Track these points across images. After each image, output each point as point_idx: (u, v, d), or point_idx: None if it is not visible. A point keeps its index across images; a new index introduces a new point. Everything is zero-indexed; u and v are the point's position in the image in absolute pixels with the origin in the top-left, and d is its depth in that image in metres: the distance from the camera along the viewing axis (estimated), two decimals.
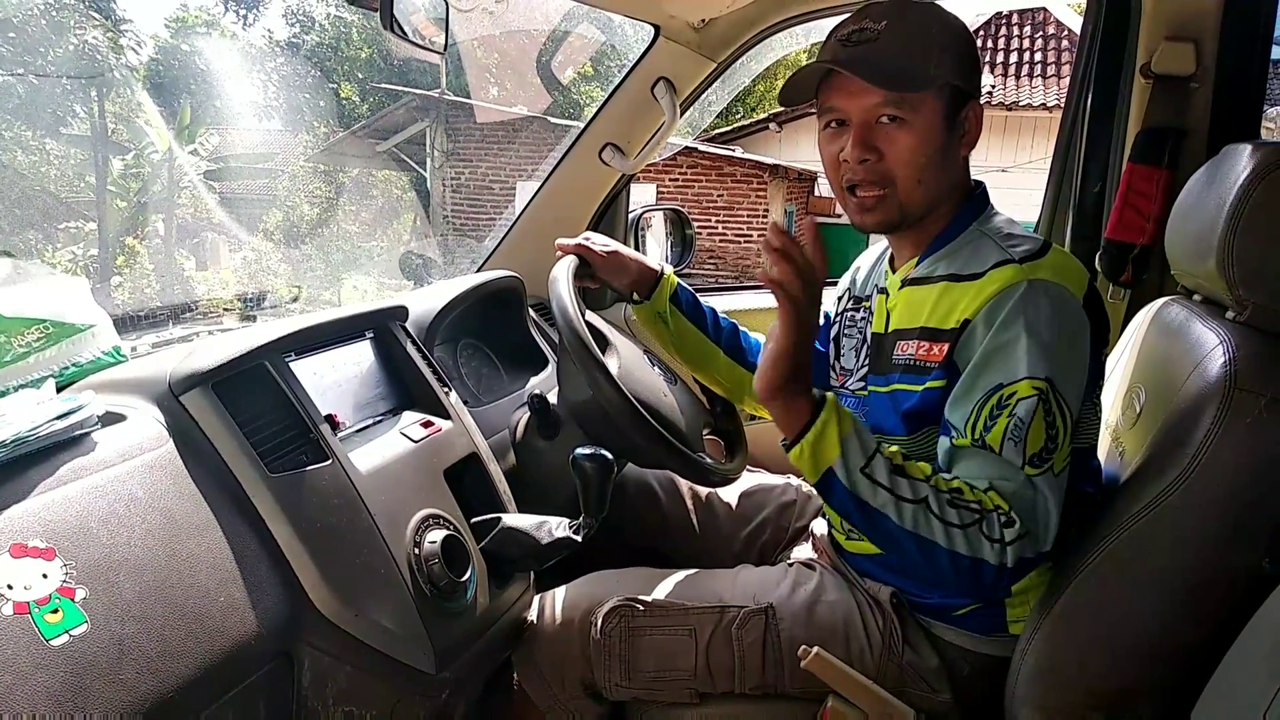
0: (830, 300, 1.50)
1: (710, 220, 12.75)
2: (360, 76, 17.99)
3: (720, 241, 12.84)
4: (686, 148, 12.22)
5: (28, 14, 12.08)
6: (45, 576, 0.83)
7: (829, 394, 1.10)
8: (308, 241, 14.44)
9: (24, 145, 12.53)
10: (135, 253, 12.59)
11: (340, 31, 18.64)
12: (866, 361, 1.32)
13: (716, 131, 14.48)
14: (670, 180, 12.55)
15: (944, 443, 1.13)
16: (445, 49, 1.45)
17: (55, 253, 11.87)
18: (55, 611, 0.82)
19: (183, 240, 13.63)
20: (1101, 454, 1.29)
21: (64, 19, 12.31)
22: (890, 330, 1.26)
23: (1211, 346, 1.09)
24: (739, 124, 14.90)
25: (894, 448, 1.09)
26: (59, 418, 0.94)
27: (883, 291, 1.31)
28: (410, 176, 15.00)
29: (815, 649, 1.19)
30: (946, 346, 1.15)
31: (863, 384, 1.32)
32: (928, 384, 1.17)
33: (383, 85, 16.45)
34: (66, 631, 0.82)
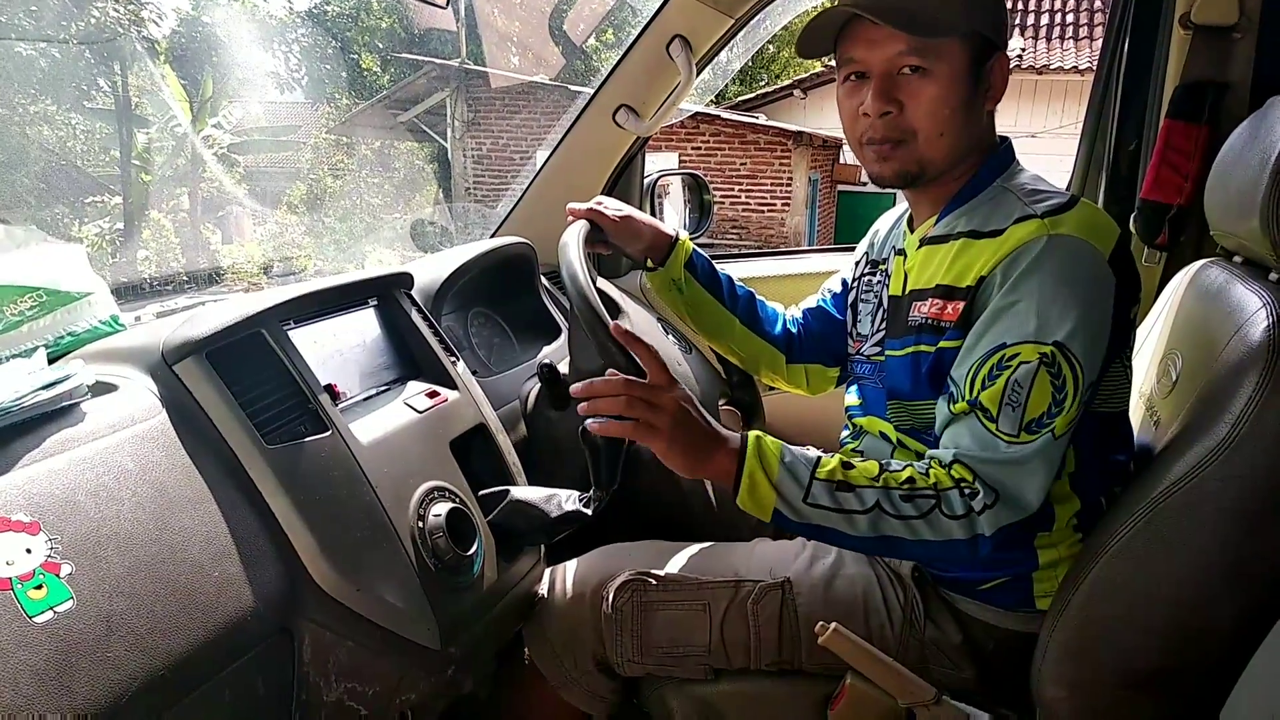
0: (848, 266, 1.45)
1: (734, 189, 12.64)
2: (380, 47, 17.90)
3: (743, 210, 12.73)
4: (709, 115, 12.09)
5: None
6: (29, 551, 0.80)
7: (750, 436, 1.09)
8: (331, 214, 14.46)
9: (49, 119, 12.58)
10: (161, 227, 12.67)
11: (360, 1, 18.54)
12: (883, 326, 1.27)
13: (740, 99, 14.33)
14: (693, 149, 12.44)
15: (942, 408, 1.11)
16: (448, 2, 1.39)
17: (82, 227, 11.96)
18: (39, 587, 0.79)
19: (208, 214, 13.69)
20: (1135, 423, 1.24)
21: None
22: (907, 291, 1.21)
23: (1254, 310, 1.04)
24: (763, 91, 14.74)
25: (833, 462, 1.08)
26: (45, 388, 0.91)
27: (900, 253, 1.26)
28: (432, 147, 14.97)
29: (833, 625, 1.14)
30: (962, 305, 1.10)
31: (879, 349, 1.27)
32: (941, 343, 1.13)
33: (403, 55, 16.37)
34: (51, 608, 0.79)
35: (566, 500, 1.24)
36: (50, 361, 1.05)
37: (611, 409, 1.06)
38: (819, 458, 1.09)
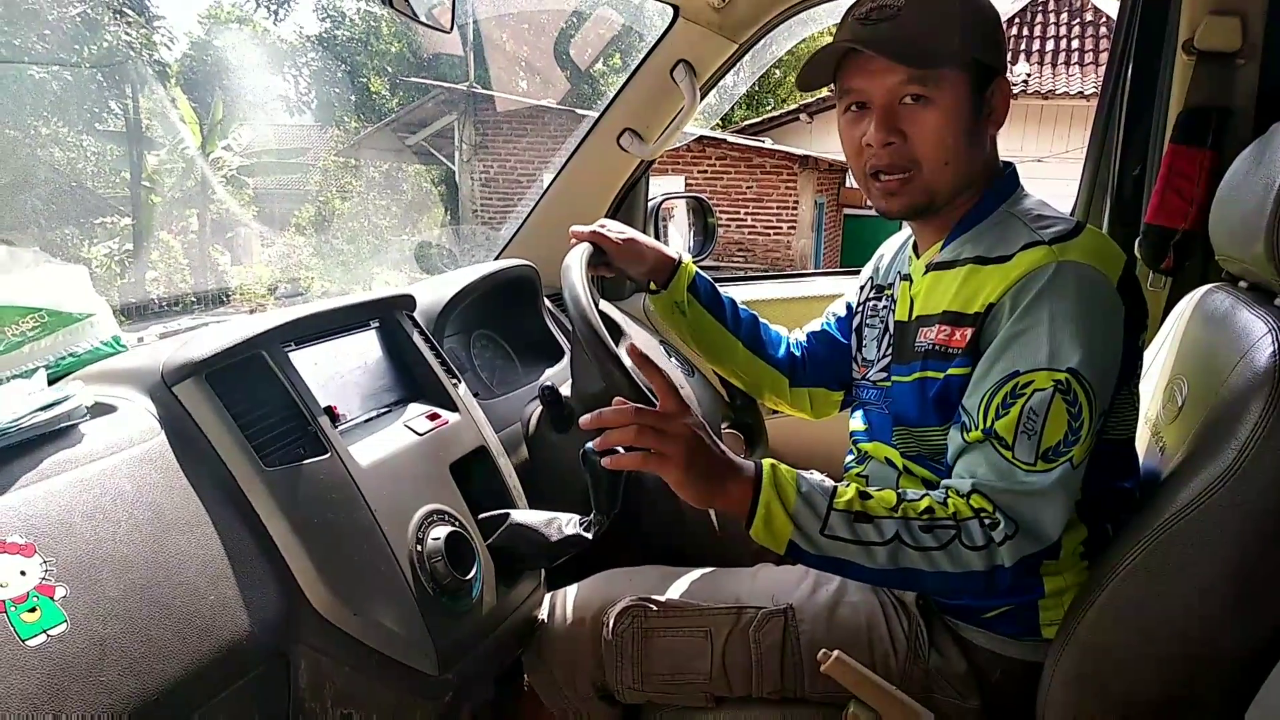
0: (852, 290, 1.45)
1: (739, 212, 12.66)
2: (389, 70, 18.06)
3: (749, 234, 12.74)
4: (715, 139, 12.14)
5: (63, 12, 12.24)
6: (23, 574, 0.80)
7: (765, 465, 1.05)
8: (338, 235, 14.54)
9: (61, 141, 12.68)
10: (170, 248, 12.74)
11: (370, 26, 18.73)
12: (889, 351, 1.26)
13: (746, 123, 14.40)
14: (699, 172, 12.48)
15: (955, 437, 1.09)
16: (452, 27, 1.40)
17: (91, 248, 12.03)
18: (33, 610, 0.79)
19: (217, 235, 13.77)
20: (1141, 449, 1.23)
21: (98, 16, 12.46)
22: (914, 317, 1.20)
23: (1259, 335, 1.03)
24: (769, 115, 14.81)
25: (850, 493, 1.05)
26: (43, 409, 0.91)
27: (906, 278, 1.26)
28: (439, 170, 15.07)
29: (836, 652, 1.13)
30: (970, 331, 1.09)
31: (885, 374, 1.26)
32: (950, 370, 1.12)
33: (411, 79, 16.51)
34: (44, 631, 0.78)
35: (567, 524, 1.23)
36: (51, 382, 1.05)
37: (622, 439, 1.03)
38: (835, 487, 1.06)
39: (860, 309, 1.38)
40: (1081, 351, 1.01)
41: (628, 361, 1.26)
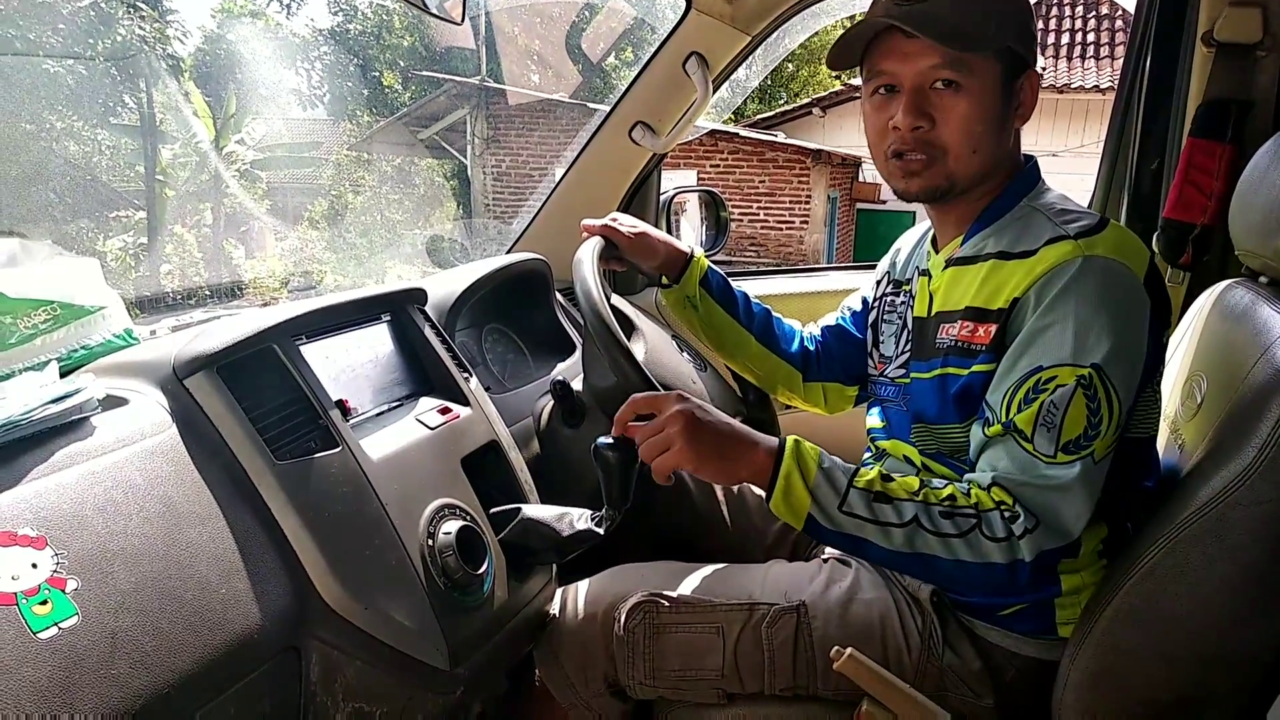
0: (868, 284, 1.44)
1: (752, 206, 12.65)
2: (402, 64, 18.09)
3: (762, 228, 12.73)
4: (728, 133, 12.12)
5: (76, 6, 12.30)
6: (35, 566, 0.80)
7: (788, 439, 1.07)
8: (351, 229, 14.58)
9: (75, 135, 12.74)
10: (184, 241, 12.80)
11: (382, 19, 18.77)
12: (908, 348, 1.25)
13: (759, 116, 14.38)
14: (711, 166, 12.47)
15: (976, 433, 1.09)
16: (463, 19, 1.40)
17: (106, 241, 12.10)
18: (44, 603, 0.78)
19: (230, 228, 13.82)
20: (1160, 447, 1.21)
21: (111, 9, 12.52)
22: (934, 313, 1.19)
23: (1279, 332, 1.01)
24: (782, 109, 14.78)
25: (872, 473, 1.05)
26: (54, 401, 0.91)
27: (925, 274, 1.24)
28: (452, 164, 15.09)
29: (849, 650, 1.13)
30: (994, 328, 1.08)
31: (903, 371, 1.25)
32: (974, 367, 1.10)
33: (424, 73, 16.53)
34: (55, 624, 0.78)
35: (578, 519, 1.22)
36: (63, 375, 1.05)
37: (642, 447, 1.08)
38: (858, 468, 1.07)
39: (877, 304, 1.37)
40: (1107, 347, 1.00)
41: (640, 355, 1.26)
